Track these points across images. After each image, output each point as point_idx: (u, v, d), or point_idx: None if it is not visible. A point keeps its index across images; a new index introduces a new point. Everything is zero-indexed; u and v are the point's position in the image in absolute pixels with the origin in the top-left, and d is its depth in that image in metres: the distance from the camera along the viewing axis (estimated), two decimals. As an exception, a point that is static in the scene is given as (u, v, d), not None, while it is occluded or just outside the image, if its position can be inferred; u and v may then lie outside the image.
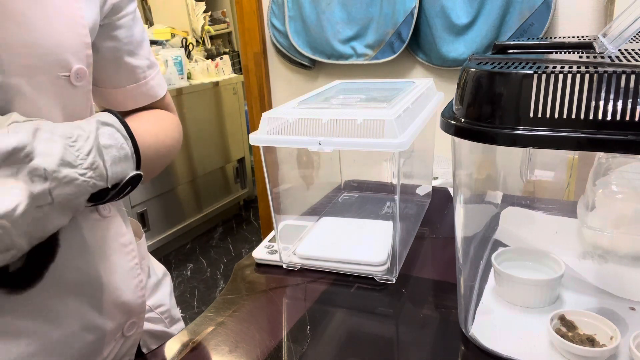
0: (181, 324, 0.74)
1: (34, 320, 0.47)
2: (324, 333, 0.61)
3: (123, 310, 0.56)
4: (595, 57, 0.46)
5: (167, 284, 0.74)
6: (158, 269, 0.74)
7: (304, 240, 0.81)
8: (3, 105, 0.42)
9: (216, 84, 2.92)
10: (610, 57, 0.44)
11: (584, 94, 0.39)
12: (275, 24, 1.98)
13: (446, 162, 1.60)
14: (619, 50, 0.46)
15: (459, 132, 0.46)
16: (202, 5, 3.26)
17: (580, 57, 0.47)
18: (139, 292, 0.59)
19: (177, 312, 0.74)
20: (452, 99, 0.50)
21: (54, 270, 0.48)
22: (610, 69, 0.38)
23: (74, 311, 0.50)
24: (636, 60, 0.41)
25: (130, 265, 0.57)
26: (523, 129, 0.41)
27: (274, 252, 0.78)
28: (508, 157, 0.77)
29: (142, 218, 2.44)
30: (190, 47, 3.09)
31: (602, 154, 0.72)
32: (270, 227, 2.16)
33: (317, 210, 0.93)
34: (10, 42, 0.42)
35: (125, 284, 0.56)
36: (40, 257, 0.46)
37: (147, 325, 0.65)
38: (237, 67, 3.33)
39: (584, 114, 0.39)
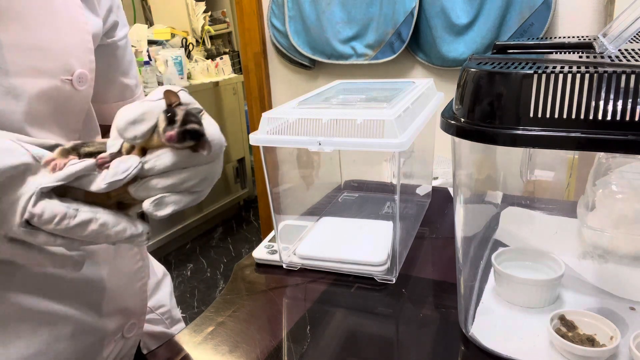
0: (182, 324, 0.74)
1: (34, 322, 0.47)
2: (324, 333, 0.61)
3: (124, 313, 0.56)
4: (595, 57, 0.46)
5: (167, 285, 0.74)
6: (158, 269, 0.74)
7: (304, 240, 0.81)
8: (4, 107, 0.42)
9: (216, 84, 2.92)
10: (610, 57, 0.44)
11: (584, 94, 0.39)
12: (275, 24, 1.98)
13: (446, 162, 1.60)
14: (619, 50, 0.46)
15: (459, 132, 0.46)
16: (202, 5, 3.26)
17: (580, 57, 0.47)
18: (142, 294, 0.59)
19: (177, 313, 0.74)
20: (452, 99, 0.50)
21: (55, 275, 0.48)
22: (610, 69, 0.38)
23: (75, 314, 0.50)
24: (636, 60, 0.41)
25: (134, 269, 0.57)
26: (523, 129, 0.41)
27: (274, 252, 0.78)
28: (508, 157, 0.77)
29: (142, 218, 2.44)
30: (190, 47, 3.09)
31: (602, 154, 0.72)
32: (270, 227, 2.16)
33: (317, 210, 0.93)
34: (16, 43, 0.43)
35: (129, 287, 0.56)
36: None
37: (148, 327, 0.65)
38: (237, 67, 3.33)
39: (584, 114, 0.39)
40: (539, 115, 0.41)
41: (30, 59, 0.44)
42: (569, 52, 0.50)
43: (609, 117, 0.38)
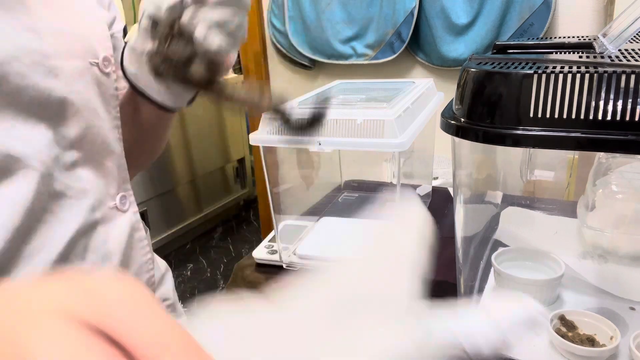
0: (184, 318, 0.75)
1: None
2: (324, 333, 0.61)
3: None
4: (595, 57, 0.46)
5: (170, 279, 0.75)
6: (161, 263, 0.75)
7: (304, 240, 0.81)
8: (48, 85, 0.44)
9: (216, 84, 2.91)
10: (610, 57, 0.44)
11: (584, 94, 0.39)
12: (275, 24, 1.98)
13: (446, 162, 1.60)
14: (619, 50, 0.46)
15: (459, 132, 0.46)
16: (202, 5, 3.26)
17: (580, 57, 0.47)
18: (150, 286, 0.59)
19: (180, 307, 0.75)
20: (452, 99, 0.50)
21: (66, 265, 0.48)
22: (610, 69, 0.38)
23: None
24: (636, 60, 0.41)
25: (144, 260, 0.58)
26: (523, 129, 0.41)
27: (274, 252, 0.78)
28: (508, 157, 0.77)
29: (142, 218, 2.40)
30: (190, 47, 3.08)
31: (602, 154, 0.72)
32: (270, 227, 2.16)
33: (317, 210, 0.93)
34: (49, 27, 0.46)
35: (138, 278, 0.57)
36: None
37: None
38: (237, 67, 3.33)
39: (584, 114, 0.39)
40: (539, 115, 0.41)
41: (63, 42, 0.47)
42: (569, 52, 0.50)
43: (609, 117, 0.38)
